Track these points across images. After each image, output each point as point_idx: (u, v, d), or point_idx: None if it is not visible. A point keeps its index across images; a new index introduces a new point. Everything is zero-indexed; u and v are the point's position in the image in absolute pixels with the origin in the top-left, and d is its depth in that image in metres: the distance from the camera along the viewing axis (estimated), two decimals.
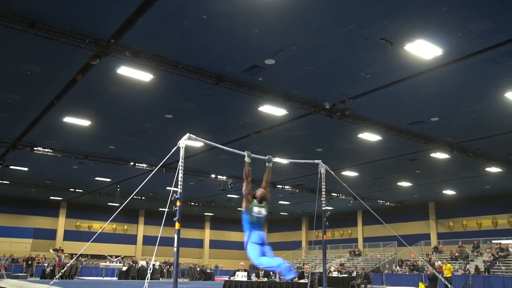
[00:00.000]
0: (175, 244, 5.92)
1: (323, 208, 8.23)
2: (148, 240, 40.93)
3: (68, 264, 10.71)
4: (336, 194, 29.57)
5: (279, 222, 45.56)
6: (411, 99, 13.91)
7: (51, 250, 28.00)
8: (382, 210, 32.80)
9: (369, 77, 12.47)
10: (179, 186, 6.25)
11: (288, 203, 35.01)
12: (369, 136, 17.51)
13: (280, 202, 34.73)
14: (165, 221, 7.53)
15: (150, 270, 5.79)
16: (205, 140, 7.49)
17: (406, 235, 32.54)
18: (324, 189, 8.22)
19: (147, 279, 5.64)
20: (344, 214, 38.04)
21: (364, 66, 11.90)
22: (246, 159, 7.00)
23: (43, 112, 15.72)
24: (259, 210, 6.74)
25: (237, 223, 48.48)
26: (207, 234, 45.81)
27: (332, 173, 8.59)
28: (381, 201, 32.40)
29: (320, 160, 8.38)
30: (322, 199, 8.24)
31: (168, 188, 27.40)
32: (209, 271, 32.47)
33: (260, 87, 13.38)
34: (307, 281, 13.18)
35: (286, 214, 41.68)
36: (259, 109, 14.89)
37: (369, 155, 20.40)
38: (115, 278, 29.54)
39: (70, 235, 37.86)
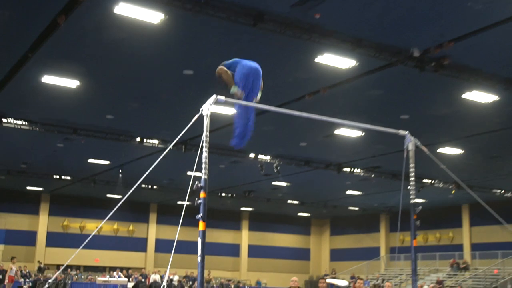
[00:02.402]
0: (199, 252, 6.00)
1: (411, 201, 8.16)
2: (163, 246, 41.92)
3: (50, 280, 11.08)
4: (430, 181, 29.31)
5: (347, 220, 45.63)
6: None
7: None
8: (500, 204, 32.17)
9: (480, 9, 12.11)
10: (203, 170, 6.30)
11: (360, 193, 34.92)
12: (480, 96, 17.14)
13: (348, 192, 34.64)
14: (185, 219, 7.64)
15: (164, 285, 5.92)
16: (241, 102, 7.48)
17: None
18: (413, 174, 8.13)
19: None
20: (443, 210, 37.63)
21: None
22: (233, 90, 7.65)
23: (14, 70, 16.08)
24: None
25: (287, 221, 49.04)
26: (245, 238, 46.51)
27: (425, 149, 8.47)
28: (498, 191, 31.84)
29: (406, 132, 8.27)
30: (409, 187, 8.16)
31: (189, 173, 27.78)
32: None
33: (318, 28, 13.25)
34: None
35: (357, 209, 41.65)
36: (316, 59, 14.77)
37: (479, 124, 20.01)
38: None
39: (55, 239, 39.26)
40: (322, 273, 42.90)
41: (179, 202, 37.95)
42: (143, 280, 32.49)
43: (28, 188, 36.72)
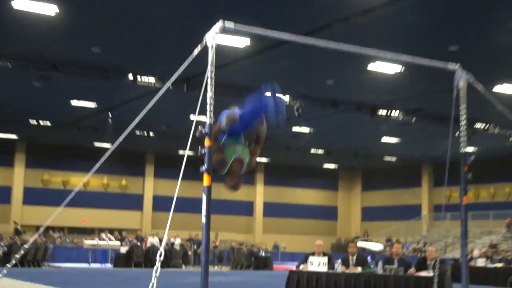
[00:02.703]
0: (204, 211, 6.01)
1: (461, 150, 8.09)
2: (162, 204, 42.21)
3: (27, 244, 11.14)
4: (483, 126, 29.29)
5: (382, 173, 45.71)
6: None
7: None
8: None
9: None
10: (208, 114, 6.26)
11: (398, 141, 34.89)
12: None
13: (384, 140, 34.60)
14: (188, 172, 7.63)
15: (161, 251, 5.95)
16: (256, 28, 7.29)
17: None
18: (464, 117, 8.04)
19: (157, 267, 5.80)
20: (498, 161, 37.53)
21: None
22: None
23: None
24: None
25: (310, 174, 49.23)
26: (260, 194, 46.82)
27: (480, 87, 8.35)
28: None
29: (457, 65, 8.13)
30: (459, 134, 8.09)
31: (191, 117, 27.80)
32: (263, 254, 33.34)
33: None
34: (431, 274, 13.27)
35: (394, 160, 41.69)
36: None
37: None
38: (109, 265, 31.04)
39: (33, 196, 39.75)
40: (352, 236, 43.25)
41: (180, 152, 38.11)
42: (138, 243, 32.75)
43: (0, 136, 36.97)
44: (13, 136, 37.41)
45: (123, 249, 31.05)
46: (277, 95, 6.94)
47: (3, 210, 38.90)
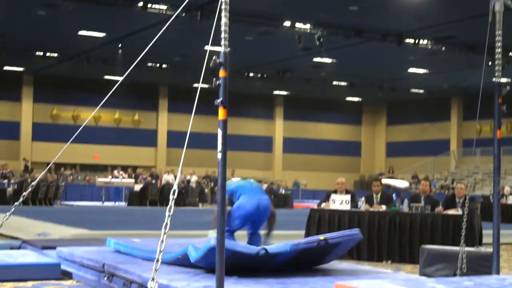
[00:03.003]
0: (219, 147, 5.95)
1: (495, 80, 7.94)
2: (177, 140, 42.22)
3: (35, 181, 11.22)
4: None
5: (409, 107, 45.55)
6: None
7: None
8: None
9: None
10: (222, 42, 6.16)
11: (426, 71, 34.67)
12: None
13: (411, 70, 34.35)
14: (204, 106, 7.56)
15: (174, 189, 5.93)
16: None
17: None
18: (499, 44, 7.88)
19: (170, 206, 5.79)
20: None
21: None
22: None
23: None
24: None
25: (332, 108, 49.02)
26: (279, 129, 46.88)
27: None
28: None
29: None
30: (493, 63, 7.94)
31: (206, 47, 27.70)
32: (283, 191, 33.54)
33: None
34: (460, 212, 13.23)
35: (421, 92, 41.47)
36: None
37: None
38: (122, 203, 31.35)
39: (43, 132, 40.03)
40: (376, 173, 43.33)
41: (195, 85, 38.06)
42: (153, 181, 33.06)
43: (6, 68, 37.05)
44: (19, 69, 37.46)
45: (137, 187, 31.33)
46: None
47: (12, 146, 39.19)
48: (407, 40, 27.29)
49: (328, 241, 7.54)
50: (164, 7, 23.12)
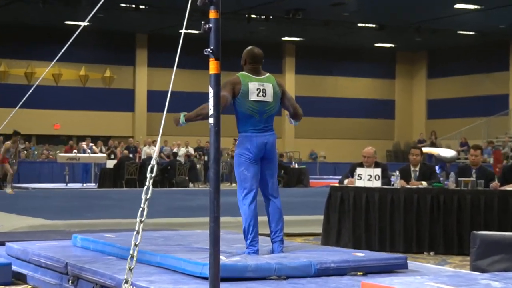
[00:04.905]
0: (211, 110, 5.90)
1: None
2: (160, 102, 41.95)
3: None
4: None
5: (455, 54, 45.40)
6: None
7: None
8: None
9: None
10: None
11: (477, 7, 34.49)
12: None
13: (458, 5, 34.16)
14: (193, 58, 7.51)
15: (153, 165, 5.87)
16: None
17: None
18: None
19: (147, 187, 5.74)
20: None
21: None
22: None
23: None
24: (259, 88, 8.63)
25: (356, 57, 49.16)
26: (290, 85, 46.67)
27: None
28: None
29: None
30: None
31: None
32: (296, 165, 33.47)
33: None
34: None
35: (471, 34, 41.33)
36: None
37: None
38: (91, 185, 31.38)
39: None
40: (415, 139, 43.32)
41: (181, 31, 37.89)
42: (131, 155, 33.03)
43: None
44: None
45: (110, 164, 31.30)
46: None
47: None
48: None
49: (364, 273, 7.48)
50: None
